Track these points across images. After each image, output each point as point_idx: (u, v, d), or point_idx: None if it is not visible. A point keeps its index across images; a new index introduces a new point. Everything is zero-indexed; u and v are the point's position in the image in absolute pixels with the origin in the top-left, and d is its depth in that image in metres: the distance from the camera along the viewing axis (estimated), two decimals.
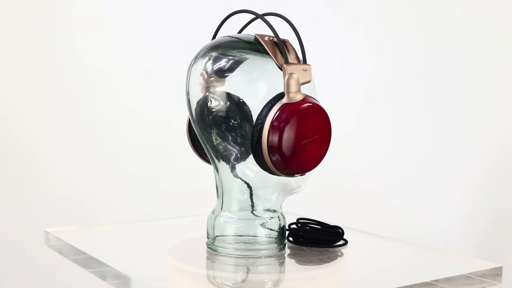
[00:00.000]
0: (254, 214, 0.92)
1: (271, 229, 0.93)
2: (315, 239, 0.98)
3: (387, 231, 1.21)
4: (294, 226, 1.01)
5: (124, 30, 1.76)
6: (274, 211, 0.93)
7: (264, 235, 0.93)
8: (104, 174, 1.77)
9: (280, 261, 0.93)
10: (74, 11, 1.76)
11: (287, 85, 0.83)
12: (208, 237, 0.95)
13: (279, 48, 0.86)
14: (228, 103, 0.87)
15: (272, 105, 0.83)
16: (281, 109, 0.82)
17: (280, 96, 0.84)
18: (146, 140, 1.76)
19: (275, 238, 0.93)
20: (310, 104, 0.83)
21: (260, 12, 0.90)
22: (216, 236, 0.93)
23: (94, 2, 1.77)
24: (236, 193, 0.92)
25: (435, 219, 1.67)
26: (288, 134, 0.82)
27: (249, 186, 0.91)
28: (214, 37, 0.93)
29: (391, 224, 1.62)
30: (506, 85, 1.64)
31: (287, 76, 0.83)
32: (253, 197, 0.92)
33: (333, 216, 1.20)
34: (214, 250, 0.93)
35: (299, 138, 0.82)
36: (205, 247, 0.95)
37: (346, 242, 1.00)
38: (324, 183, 1.13)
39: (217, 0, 1.67)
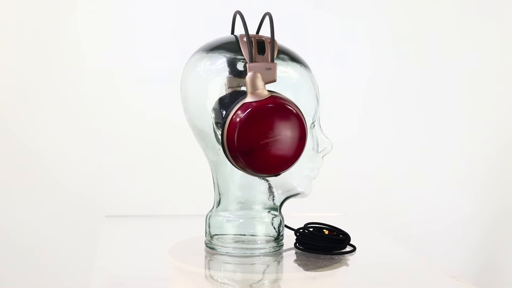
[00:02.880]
0: (268, 212, 0.93)
1: (273, 228, 0.93)
2: (322, 246, 0.95)
3: (388, 230, 1.21)
4: (302, 231, 0.97)
5: (126, 29, 1.77)
6: (274, 210, 0.94)
7: (263, 234, 0.93)
8: (108, 172, 1.77)
9: (279, 260, 0.93)
10: (76, 11, 1.77)
11: (247, 84, 0.83)
12: (206, 236, 0.95)
13: (250, 46, 0.85)
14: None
15: (236, 104, 0.83)
16: (240, 107, 0.82)
17: (245, 95, 0.83)
18: (150, 137, 1.76)
19: (274, 237, 0.94)
20: (271, 103, 0.82)
21: (257, 11, 0.90)
22: (214, 234, 0.93)
23: (96, 2, 1.77)
24: (236, 192, 0.92)
25: (436, 219, 1.67)
26: (244, 133, 0.81)
27: (270, 186, 0.91)
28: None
29: (392, 223, 1.62)
30: (506, 85, 1.64)
31: (248, 74, 0.83)
32: (256, 196, 0.92)
33: (334, 215, 1.20)
34: (212, 249, 0.93)
35: (256, 137, 0.81)
36: (204, 246, 0.95)
37: (354, 249, 0.96)
38: (324, 182, 1.12)
39: (217, 0, 1.67)
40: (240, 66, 0.87)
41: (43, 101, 1.77)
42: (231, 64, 0.87)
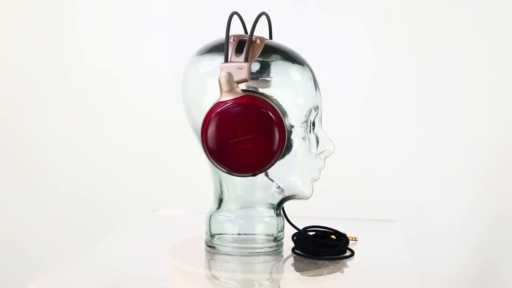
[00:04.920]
0: (268, 211, 0.93)
1: (273, 228, 0.93)
2: (317, 251, 0.93)
3: (388, 230, 1.21)
4: (300, 235, 0.96)
5: (126, 29, 1.76)
6: (275, 210, 0.94)
7: (263, 233, 0.93)
8: (107, 171, 1.77)
9: (279, 260, 0.93)
10: (75, 11, 1.76)
11: (220, 84, 0.84)
12: (206, 235, 0.95)
13: (227, 47, 0.85)
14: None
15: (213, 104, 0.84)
16: (212, 107, 0.83)
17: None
18: (149, 137, 1.76)
19: (274, 237, 0.94)
20: (241, 102, 0.82)
21: (258, 12, 0.90)
22: (215, 234, 0.93)
23: (95, 1, 1.77)
24: (236, 191, 0.92)
25: (435, 218, 1.67)
26: (212, 132, 0.82)
27: (269, 186, 0.91)
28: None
29: (392, 223, 1.62)
30: (506, 85, 1.64)
31: (220, 74, 0.83)
32: (256, 196, 0.92)
33: (334, 214, 1.20)
34: (213, 248, 0.93)
35: (225, 136, 0.82)
36: (204, 245, 0.95)
37: (352, 254, 0.95)
38: (324, 181, 1.12)
39: (217, 1, 1.67)
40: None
41: (42, 102, 1.77)
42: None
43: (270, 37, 0.97)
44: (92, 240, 1.08)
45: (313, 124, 0.92)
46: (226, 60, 0.84)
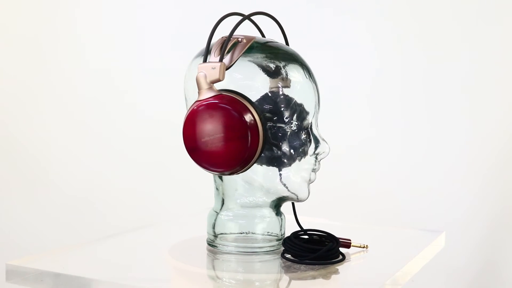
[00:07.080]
0: (269, 211, 0.93)
1: (274, 227, 0.93)
2: (301, 255, 0.91)
3: (388, 230, 1.21)
4: (287, 238, 0.93)
5: (125, 29, 1.77)
6: (275, 209, 0.94)
7: (264, 233, 0.93)
8: (107, 172, 1.77)
9: (280, 259, 0.93)
10: (74, 11, 1.77)
11: (197, 83, 0.85)
12: (208, 235, 0.95)
13: (207, 47, 0.86)
14: (283, 105, 0.88)
15: None
16: (190, 107, 0.86)
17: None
18: (148, 136, 1.76)
19: (275, 236, 0.94)
20: (211, 102, 0.83)
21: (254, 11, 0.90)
22: (217, 233, 0.94)
23: (94, 2, 1.77)
24: (237, 190, 0.92)
25: (435, 217, 1.67)
26: (187, 130, 0.85)
27: (269, 185, 0.91)
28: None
29: (392, 222, 1.63)
30: (506, 84, 1.64)
31: (197, 74, 0.85)
32: (256, 195, 0.92)
33: (335, 214, 1.20)
34: (215, 247, 0.93)
35: (197, 135, 0.84)
36: (205, 246, 0.95)
37: (343, 258, 0.92)
38: (325, 181, 1.12)
39: (218, 2, 1.67)
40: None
41: (41, 103, 1.77)
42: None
43: (284, 37, 0.98)
44: (91, 241, 1.07)
45: (310, 124, 0.91)
46: (204, 60, 0.85)
